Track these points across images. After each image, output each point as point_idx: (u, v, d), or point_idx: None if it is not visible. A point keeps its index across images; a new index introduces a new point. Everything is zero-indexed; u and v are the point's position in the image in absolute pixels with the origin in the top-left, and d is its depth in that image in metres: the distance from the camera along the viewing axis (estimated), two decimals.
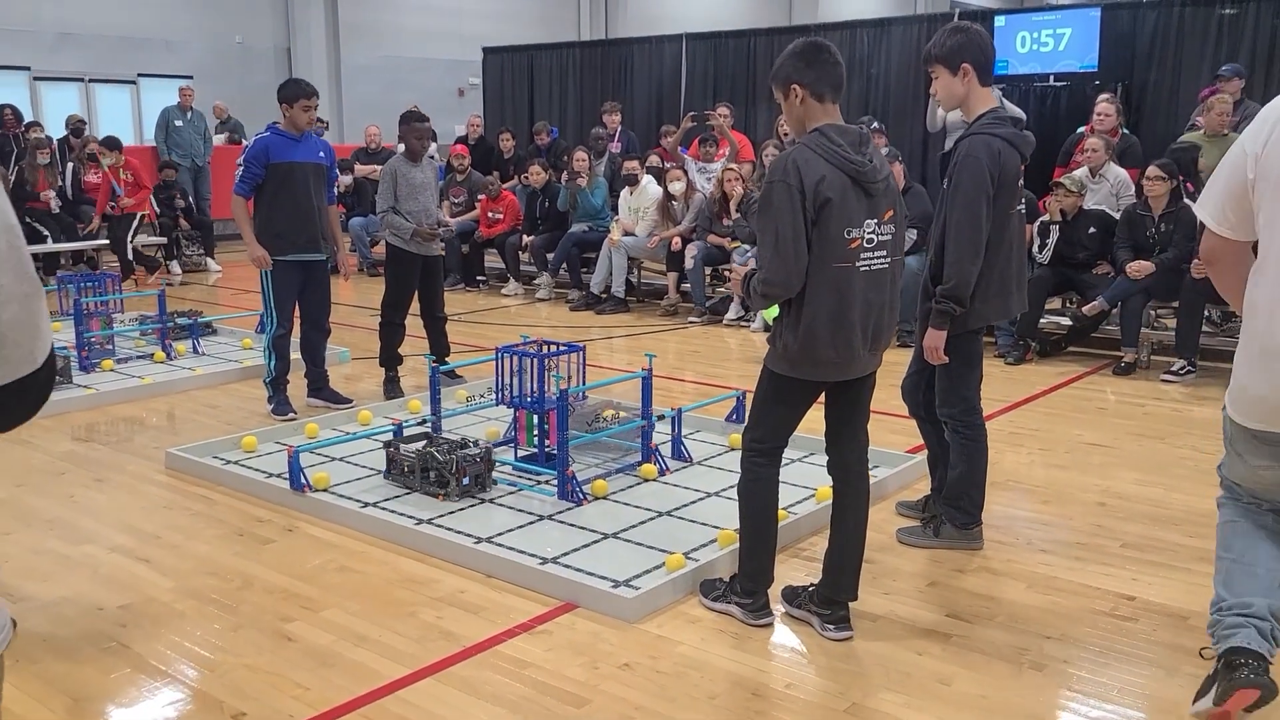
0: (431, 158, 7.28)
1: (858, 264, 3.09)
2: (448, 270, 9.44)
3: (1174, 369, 6.79)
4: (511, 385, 4.77)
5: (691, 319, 8.97)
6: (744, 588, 3.44)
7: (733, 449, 5.17)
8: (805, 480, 4.73)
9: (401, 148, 6.54)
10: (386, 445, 4.71)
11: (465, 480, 4.48)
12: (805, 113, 3.15)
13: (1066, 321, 7.49)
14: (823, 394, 3.35)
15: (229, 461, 5.00)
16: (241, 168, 5.66)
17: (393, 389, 6.31)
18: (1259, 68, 9.30)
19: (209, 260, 12.15)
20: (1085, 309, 7.10)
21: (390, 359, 6.37)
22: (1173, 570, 3.87)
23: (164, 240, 11.72)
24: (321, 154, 5.87)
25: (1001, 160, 3.61)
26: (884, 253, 3.15)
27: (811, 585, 3.46)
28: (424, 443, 4.65)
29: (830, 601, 3.37)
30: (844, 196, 3.03)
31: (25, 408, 1.40)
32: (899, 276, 3.26)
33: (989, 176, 3.59)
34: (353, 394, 6.28)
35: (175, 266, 11.72)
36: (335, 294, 6.40)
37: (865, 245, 3.10)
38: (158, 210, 11.87)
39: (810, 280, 3.07)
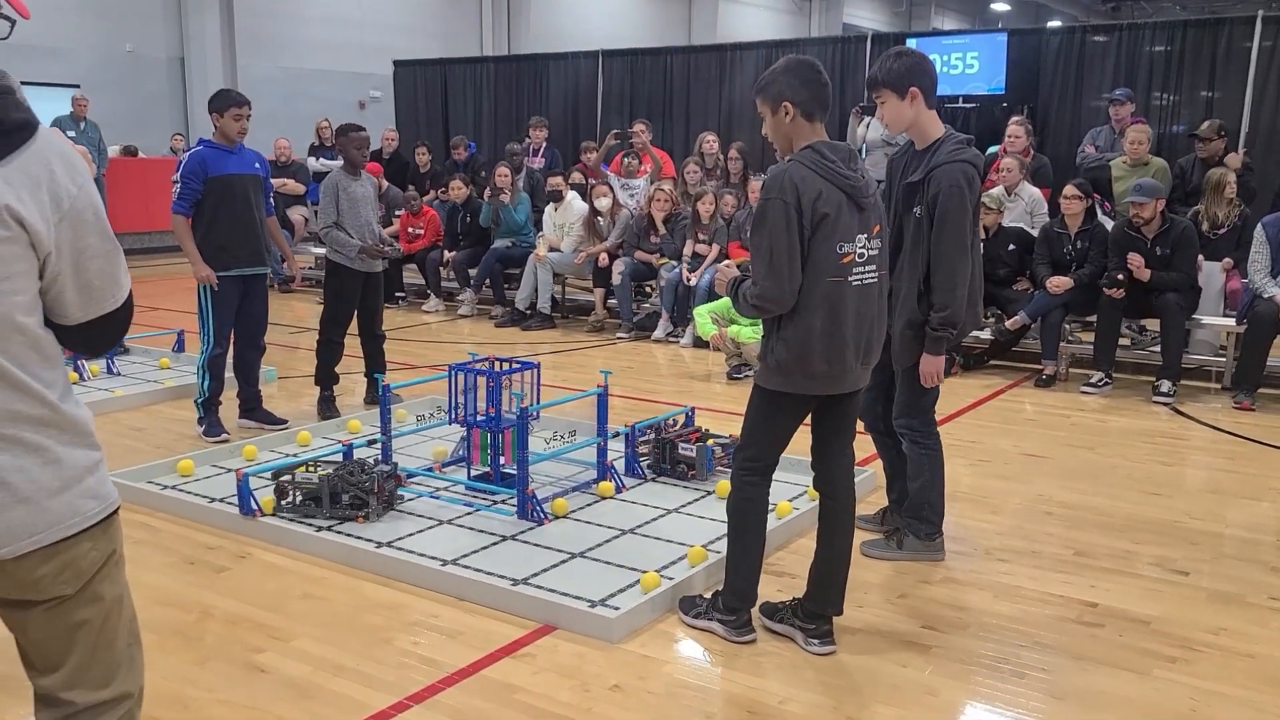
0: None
1: (850, 278, 3.13)
2: None
3: (1092, 381, 7.05)
4: (465, 403, 4.69)
5: (619, 335, 8.97)
6: (728, 605, 3.43)
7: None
8: None
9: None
10: (275, 476, 4.48)
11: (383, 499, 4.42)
12: (794, 130, 3.18)
13: (987, 336, 7.71)
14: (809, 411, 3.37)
15: (166, 486, 4.79)
16: (179, 185, 5.45)
17: (328, 408, 6.14)
18: (1156, 90, 9.78)
19: None
20: (1008, 323, 7.33)
21: (326, 377, 6.20)
22: (1126, 576, 4.01)
23: None
24: (257, 165, 5.71)
25: (974, 186, 3.71)
26: (874, 267, 3.20)
27: (794, 600, 3.48)
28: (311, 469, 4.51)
29: (815, 616, 3.39)
30: (839, 212, 3.08)
31: (111, 335, 1.87)
32: (886, 290, 3.32)
33: (969, 204, 3.68)
34: (281, 413, 6.09)
35: None
36: None
37: (857, 260, 3.14)
38: None
39: (804, 294, 3.10)
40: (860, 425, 4.33)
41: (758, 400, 3.33)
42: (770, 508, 4.48)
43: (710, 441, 5.07)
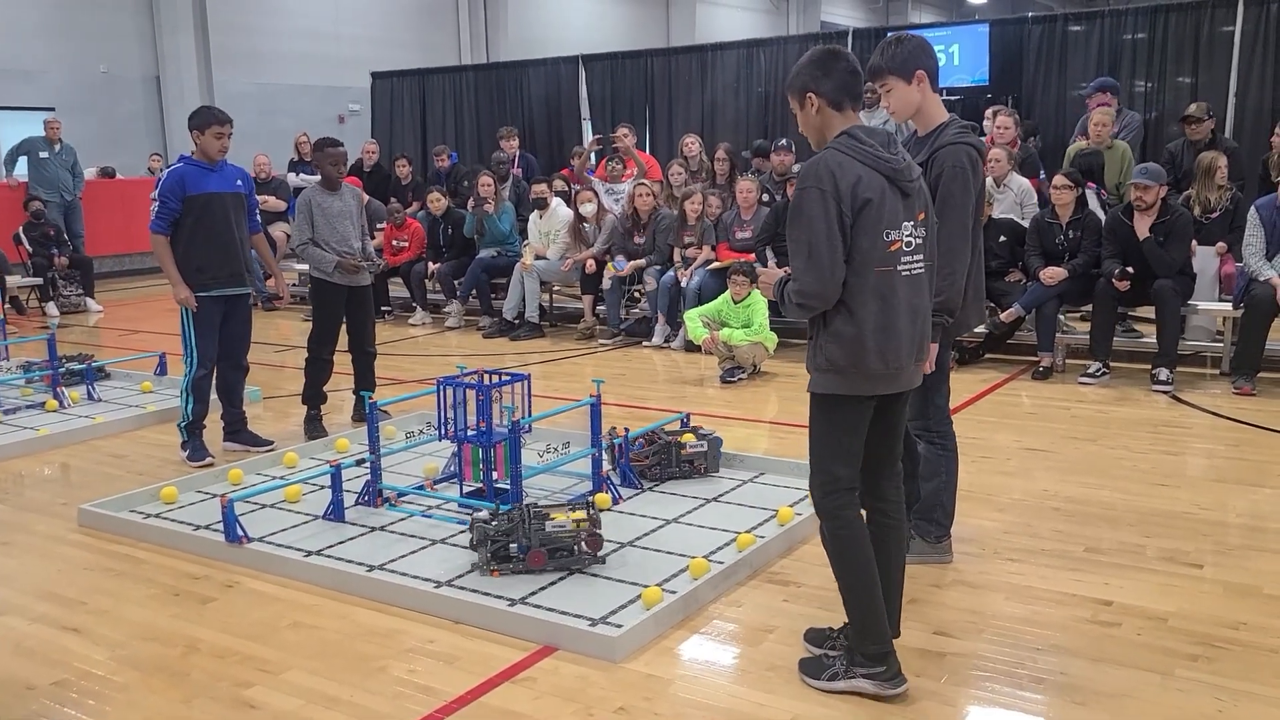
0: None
1: (899, 268, 2.93)
2: None
3: (1090, 371, 6.96)
4: (455, 418, 4.56)
5: (602, 341, 8.85)
6: (870, 654, 3.04)
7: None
8: (763, 501, 4.65)
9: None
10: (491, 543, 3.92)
11: None
12: (823, 122, 2.99)
13: (982, 329, 7.61)
14: None
15: (149, 515, 4.66)
16: (157, 203, 5.33)
17: (314, 428, 6.01)
18: (1139, 77, 9.73)
19: (89, 300, 11.51)
20: (1003, 316, 7.23)
21: (314, 396, 6.07)
22: (1140, 572, 3.90)
23: (39, 281, 11.04)
24: (239, 182, 5.59)
25: (978, 170, 3.60)
26: (921, 257, 3.01)
27: (845, 625, 3.24)
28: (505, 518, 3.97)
29: None
30: (882, 197, 2.87)
31: None
32: (934, 282, 3.14)
33: (973, 188, 3.57)
34: (268, 434, 5.95)
35: (52, 308, 11.06)
36: None
37: (905, 249, 2.94)
38: (30, 249, 11.21)
39: (851, 288, 2.88)
40: None
41: (816, 411, 3.05)
42: (771, 514, 4.46)
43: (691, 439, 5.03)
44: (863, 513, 3.13)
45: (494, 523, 3.93)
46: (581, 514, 3.95)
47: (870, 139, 2.91)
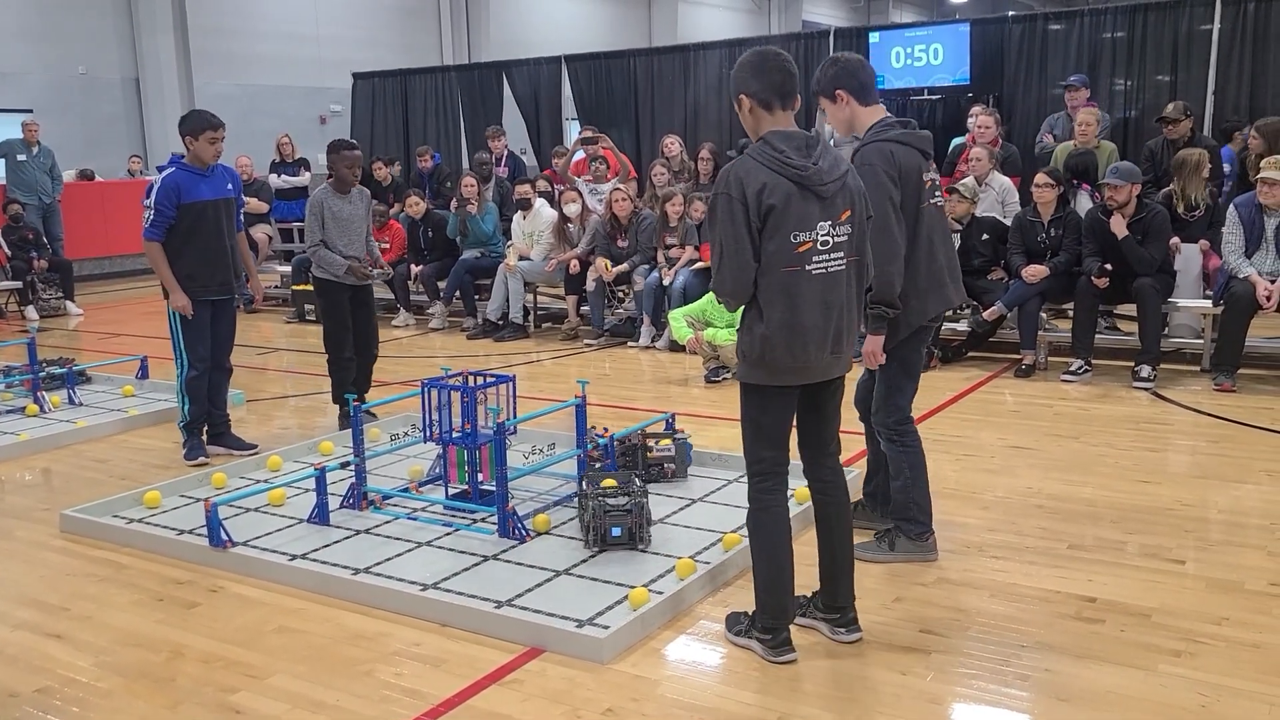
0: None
1: (808, 267, 3.06)
2: None
3: (1072, 369, 6.99)
4: (440, 420, 4.56)
5: (587, 342, 8.85)
6: (764, 625, 3.31)
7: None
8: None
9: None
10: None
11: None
12: (755, 122, 3.14)
13: (964, 328, 7.65)
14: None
15: (132, 520, 4.63)
16: (151, 211, 5.30)
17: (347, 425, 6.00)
18: (1118, 76, 9.80)
19: (69, 303, 11.43)
20: (985, 314, 7.26)
21: (343, 396, 6.06)
22: (1122, 568, 3.93)
23: (18, 284, 10.95)
24: (230, 186, 5.59)
25: (897, 160, 3.66)
26: (841, 254, 3.12)
27: (814, 593, 3.44)
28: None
29: (835, 607, 3.37)
30: (788, 202, 3.02)
31: None
32: (863, 276, 3.25)
33: (887, 178, 3.63)
34: (252, 438, 5.92)
35: (32, 312, 10.98)
36: None
37: (819, 248, 3.07)
38: (8, 253, 11.13)
39: (761, 286, 3.07)
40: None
41: (741, 399, 3.25)
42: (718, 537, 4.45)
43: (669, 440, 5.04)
44: (793, 493, 3.36)
45: (628, 501, 4.13)
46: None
47: (785, 145, 3.05)
